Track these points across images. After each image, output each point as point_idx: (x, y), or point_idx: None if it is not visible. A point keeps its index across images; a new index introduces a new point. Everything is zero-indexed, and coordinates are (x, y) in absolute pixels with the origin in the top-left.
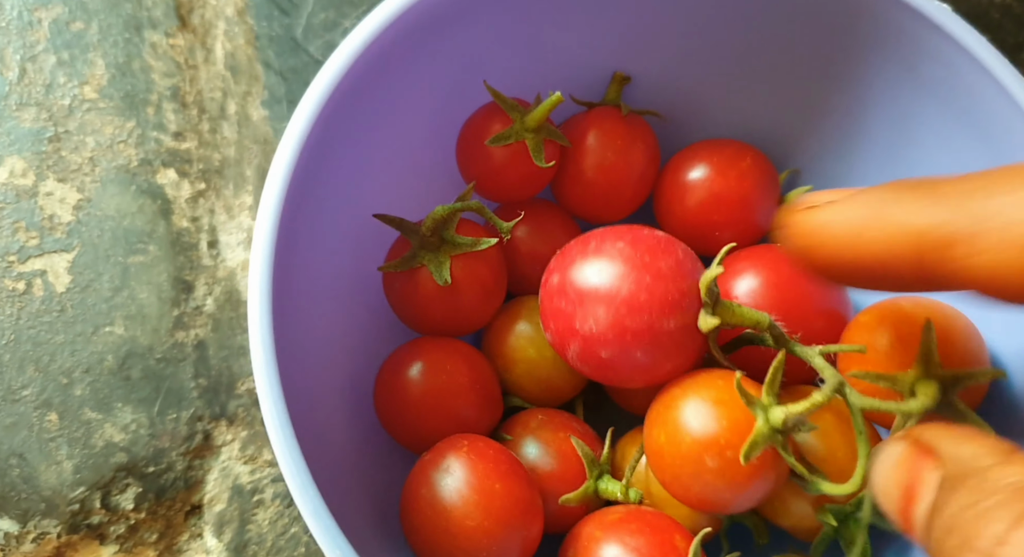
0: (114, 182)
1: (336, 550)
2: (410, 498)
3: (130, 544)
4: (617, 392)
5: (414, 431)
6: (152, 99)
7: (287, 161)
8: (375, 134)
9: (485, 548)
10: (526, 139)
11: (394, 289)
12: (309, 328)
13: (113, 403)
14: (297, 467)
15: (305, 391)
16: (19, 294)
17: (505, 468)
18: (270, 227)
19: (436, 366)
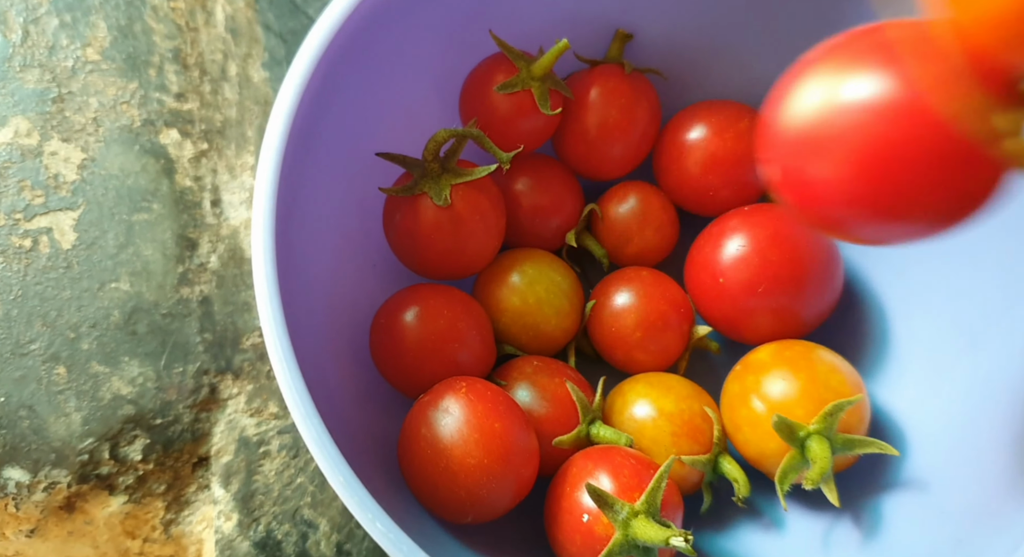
0: (117, 142)
1: (339, 477)
2: (409, 438)
3: (139, 494)
4: (606, 347)
5: (409, 375)
6: (154, 61)
7: (286, 112)
8: (375, 85)
9: (485, 485)
10: (532, 87)
11: (394, 222)
12: (311, 280)
13: (120, 357)
14: (306, 408)
15: (310, 343)
16: (26, 251)
17: (503, 409)
18: (271, 179)
19: (432, 310)
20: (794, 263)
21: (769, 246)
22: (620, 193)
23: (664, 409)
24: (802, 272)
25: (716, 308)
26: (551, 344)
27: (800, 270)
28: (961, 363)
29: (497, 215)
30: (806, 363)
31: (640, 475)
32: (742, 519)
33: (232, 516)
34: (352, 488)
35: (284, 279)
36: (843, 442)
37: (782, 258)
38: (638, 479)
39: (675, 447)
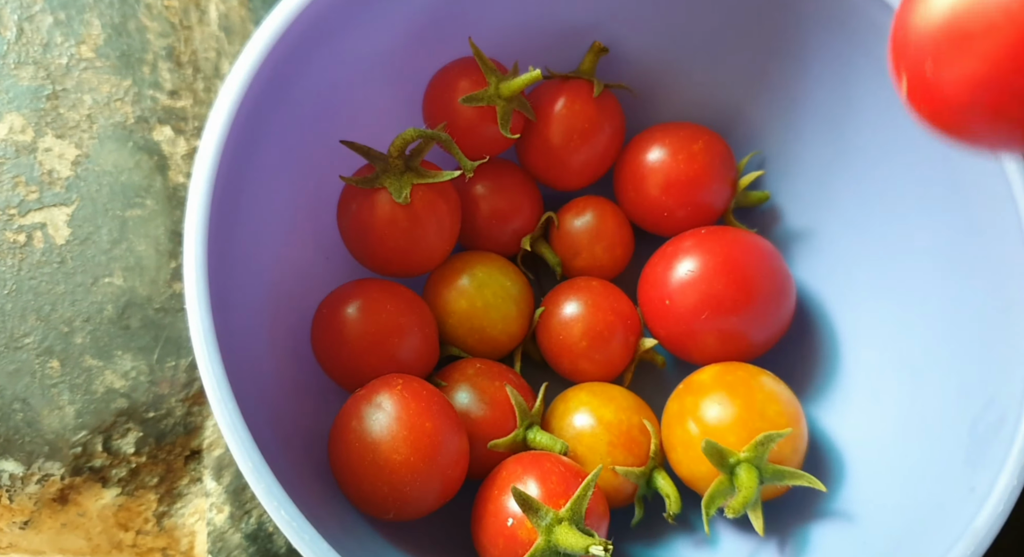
0: (111, 138)
1: (248, 463)
2: (340, 430)
3: (132, 487)
4: (552, 355)
5: (349, 369)
6: (148, 58)
7: (234, 94)
8: (336, 75)
9: (409, 482)
10: (497, 105)
11: (349, 212)
12: (253, 268)
13: (113, 351)
14: (223, 392)
15: (244, 329)
16: (20, 246)
17: (436, 409)
18: (211, 161)
19: (375, 305)
20: (743, 289)
21: (718, 272)
22: (579, 206)
23: (603, 418)
24: (751, 298)
25: (663, 327)
26: (497, 348)
27: (749, 296)
28: (901, 396)
29: (452, 219)
30: (745, 390)
31: (568, 483)
32: (674, 534)
33: (224, 508)
34: (260, 474)
35: (219, 264)
36: (773, 472)
37: (730, 284)
38: (565, 486)
39: (610, 457)
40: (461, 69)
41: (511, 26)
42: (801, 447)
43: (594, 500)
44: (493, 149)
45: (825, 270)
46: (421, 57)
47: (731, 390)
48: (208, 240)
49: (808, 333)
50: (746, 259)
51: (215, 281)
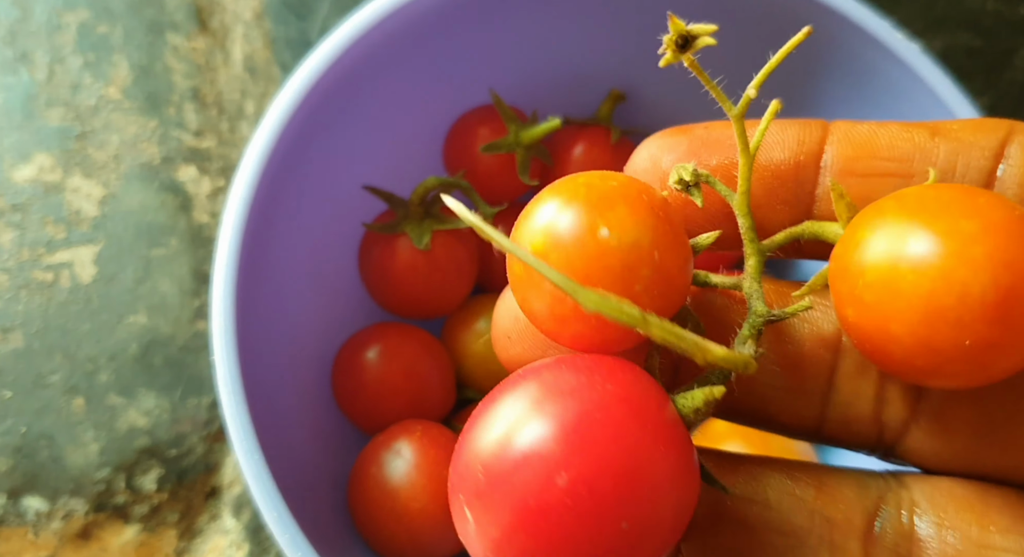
0: (137, 178)
1: (273, 513)
2: (359, 477)
3: (153, 523)
4: None
5: (369, 412)
6: (173, 99)
7: (266, 143)
8: (359, 124)
9: (428, 531)
10: (516, 152)
11: (371, 257)
12: (276, 312)
13: (136, 389)
14: (249, 442)
15: (267, 375)
16: (47, 285)
17: None
18: (241, 207)
19: (394, 349)
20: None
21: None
22: None
23: None
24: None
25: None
26: None
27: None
28: None
29: (471, 264)
30: (759, 436)
31: None
32: None
33: (243, 546)
34: (284, 525)
35: (245, 308)
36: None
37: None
38: None
39: None
40: (481, 117)
41: (530, 74)
42: None
43: None
44: (512, 195)
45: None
46: (444, 105)
47: (744, 438)
48: (237, 283)
49: None
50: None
51: (241, 325)
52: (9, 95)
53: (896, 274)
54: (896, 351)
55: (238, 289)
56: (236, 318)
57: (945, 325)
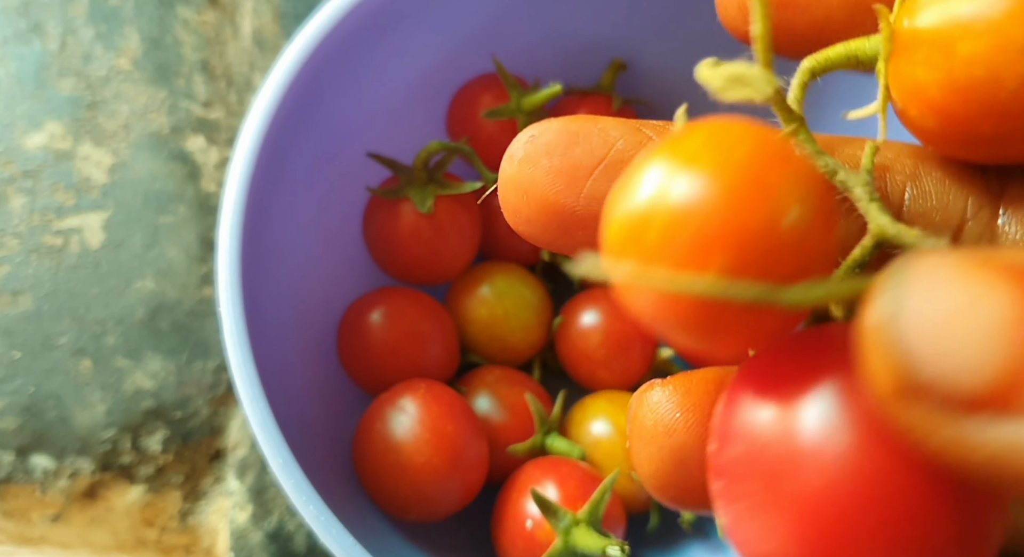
0: (146, 147)
1: (278, 459)
2: (364, 433)
3: (157, 484)
4: (571, 363)
5: (373, 374)
6: (183, 71)
7: (268, 105)
8: (365, 87)
9: (431, 483)
10: (518, 119)
11: (374, 222)
12: (282, 274)
13: (143, 352)
14: (254, 390)
15: (273, 334)
16: (57, 249)
17: (458, 413)
18: (245, 170)
19: (398, 312)
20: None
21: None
22: None
23: (621, 425)
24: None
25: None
26: (516, 356)
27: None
28: None
29: (474, 229)
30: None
31: (586, 486)
32: (689, 541)
33: (246, 508)
34: (289, 470)
35: (250, 270)
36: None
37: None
38: (583, 490)
39: (628, 464)
40: (484, 85)
41: (533, 42)
42: None
43: (611, 504)
44: None
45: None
46: (446, 73)
47: None
48: (242, 245)
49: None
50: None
51: (247, 287)
52: (22, 64)
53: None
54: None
55: (243, 249)
56: (242, 275)
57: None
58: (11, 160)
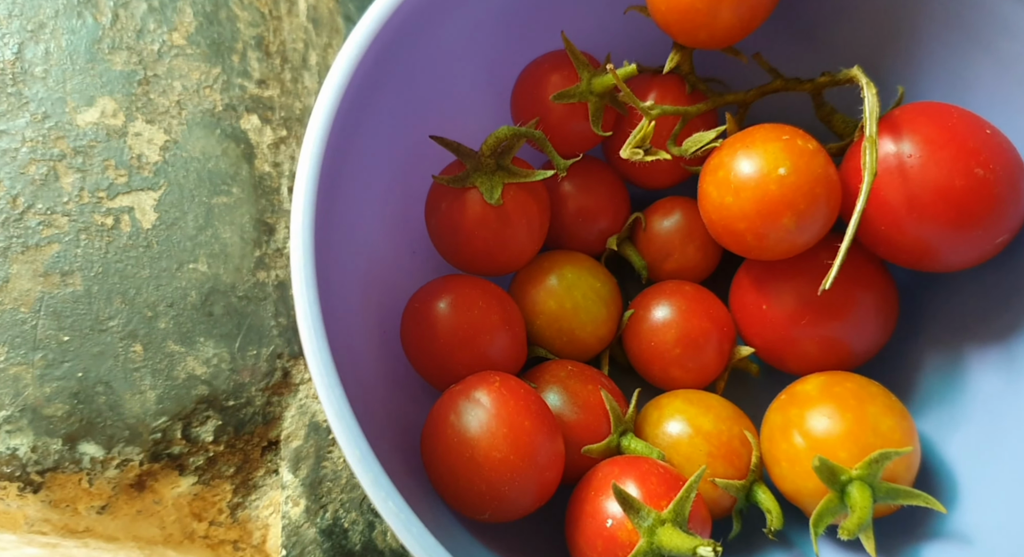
0: (200, 125)
1: (356, 451)
2: (435, 426)
3: (208, 476)
4: (642, 360)
5: (438, 365)
6: (237, 47)
7: (336, 88)
8: (429, 69)
9: (508, 481)
10: (589, 101)
11: (439, 211)
12: (348, 261)
13: (196, 337)
14: (330, 379)
15: (342, 323)
16: (108, 229)
17: (535, 408)
18: (315, 156)
19: (466, 301)
20: (843, 294)
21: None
22: (666, 206)
23: (702, 428)
24: (852, 303)
25: (759, 334)
26: (584, 351)
27: (850, 300)
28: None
29: (543, 218)
30: (856, 402)
31: (668, 485)
32: (772, 550)
33: (300, 502)
34: (367, 463)
35: (322, 254)
36: (887, 491)
37: (832, 288)
38: (666, 488)
39: (709, 468)
40: (552, 64)
41: (605, 18)
42: (915, 464)
43: (697, 504)
44: (582, 146)
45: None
46: (514, 51)
47: (840, 403)
48: (315, 228)
49: (912, 341)
50: (847, 261)
51: (320, 271)
52: (73, 38)
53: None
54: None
55: (316, 232)
56: (315, 259)
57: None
58: (62, 136)
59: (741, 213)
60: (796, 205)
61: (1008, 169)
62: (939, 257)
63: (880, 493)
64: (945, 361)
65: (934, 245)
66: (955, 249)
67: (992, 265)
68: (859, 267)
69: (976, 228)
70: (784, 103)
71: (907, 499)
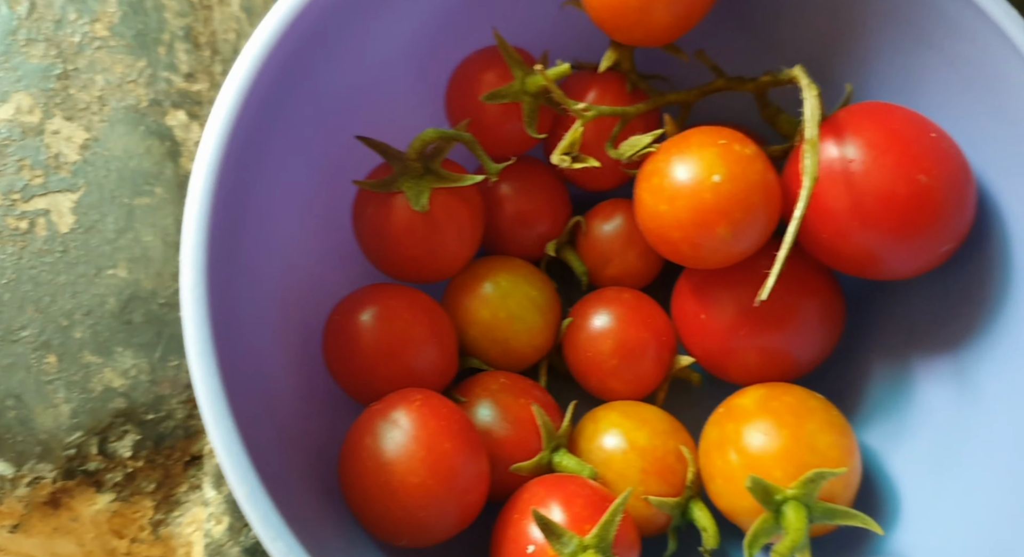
0: (122, 122)
1: (245, 487)
2: (352, 448)
3: (127, 492)
4: (580, 371)
5: (362, 380)
6: (164, 39)
7: (240, 84)
8: (355, 64)
9: (425, 506)
10: (523, 101)
11: (364, 218)
12: (261, 269)
13: (114, 347)
14: (218, 407)
15: (250, 336)
16: (21, 233)
17: (457, 428)
18: (215, 154)
19: (390, 312)
20: (784, 303)
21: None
22: (607, 210)
23: (636, 442)
24: (794, 312)
25: (699, 344)
26: (521, 361)
27: (791, 310)
28: (980, 443)
29: (475, 224)
30: (793, 418)
31: (595, 507)
32: None
33: (223, 519)
34: (256, 501)
35: (221, 264)
36: (823, 511)
37: (773, 297)
38: (592, 511)
39: (643, 485)
40: (486, 61)
41: (545, 11)
42: (854, 483)
43: (623, 528)
44: (519, 147)
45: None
46: (448, 46)
47: (777, 418)
48: (211, 235)
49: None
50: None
51: (216, 281)
52: None
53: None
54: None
55: (211, 243)
56: (208, 273)
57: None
58: None
59: (675, 222)
60: (731, 214)
61: (952, 176)
62: (883, 265)
63: (816, 513)
64: (893, 371)
65: (877, 253)
66: (899, 257)
67: (941, 272)
68: (802, 275)
69: (919, 236)
70: (733, 103)
71: (844, 519)
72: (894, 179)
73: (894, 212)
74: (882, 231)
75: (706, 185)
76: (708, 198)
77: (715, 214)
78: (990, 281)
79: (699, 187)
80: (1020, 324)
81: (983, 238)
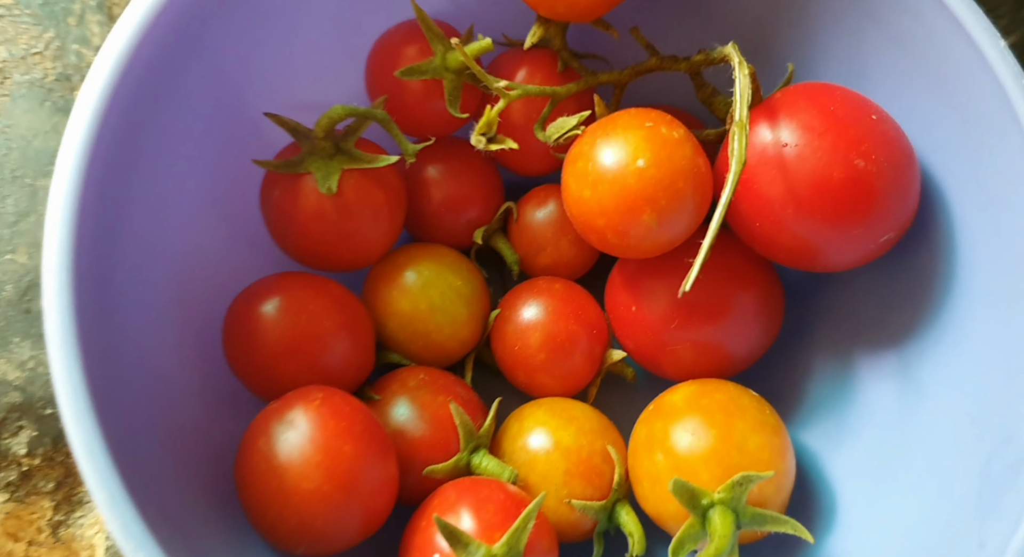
0: (26, 97)
1: (103, 493)
2: (246, 451)
3: (22, 492)
4: (507, 366)
5: (265, 377)
6: (75, 9)
7: (125, 46)
8: (264, 33)
9: (321, 515)
10: (444, 78)
11: (271, 201)
12: (152, 255)
13: (10, 337)
14: (77, 403)
15: (135, 337)
16: None
17: (360, 429)
18: (90, 124)
19: (295, 303)
20: (718, 295)
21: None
22: (540, 196)
23: (561, 442)
24: (728, 305)
25: (631, 337)
26: (445, 355)
27: (726, 303)
28: (903, 420)
29: (392, 209)
30: (723, 417)
31: (508, 513)
32: None
33: None
34: (117, 508)
35: (96, 249)
36: (752, 517)
37: (704, 288)
38: (504, 517)
39: (566, 487)
40: (407, 34)
41: None
42: (786, 486)
43: (537, 534)
44: (445, 128)
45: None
46: (371, 18)
47: (707, 416)
48: (79, 217)
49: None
50: (724, 259)
51: (88, 267)
52: None
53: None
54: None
55: (80, 224)
56: (75, 257)
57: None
58: None
59: (600, 208)
60: (656, 200)
61: (893, 160)
62: (820, 256)
63: (745, 518)
64: (836, 368)
65: (814, 243)
66: (836, 247)
67: (885, 264)
68: (738, 266)
69: (857, 225)
70: (673, 84)
71: (774, 526)
72: (829, 163)
73: (829, 199)
74: (817, 219)
75: (630, 170)
76: (632, 183)
77: (640, 200)
78: (936, 273)
79: (623, 172)
80: (965, 319)
81: (928, 227)
